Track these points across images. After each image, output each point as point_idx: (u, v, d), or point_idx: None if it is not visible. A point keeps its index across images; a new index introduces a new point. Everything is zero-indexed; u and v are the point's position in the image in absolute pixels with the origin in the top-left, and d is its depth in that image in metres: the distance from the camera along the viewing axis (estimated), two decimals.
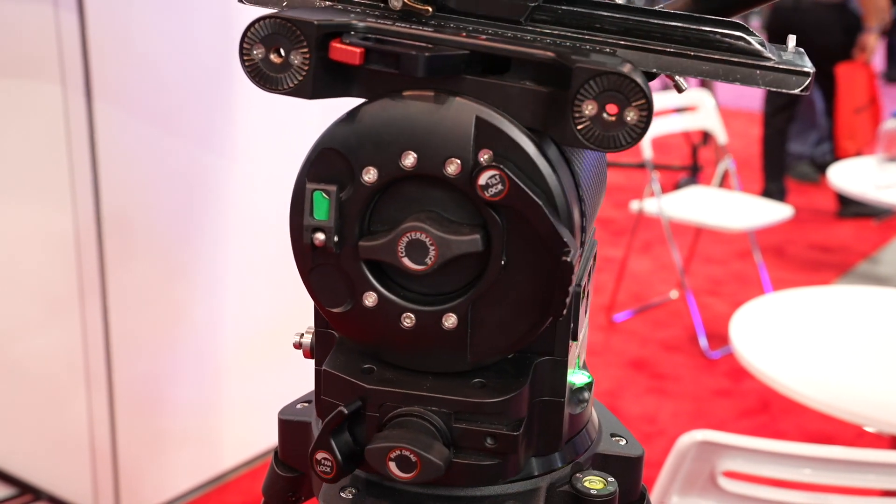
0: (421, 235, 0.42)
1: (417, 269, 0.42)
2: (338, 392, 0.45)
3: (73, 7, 1.68)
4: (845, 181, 3.07)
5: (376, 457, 0.43)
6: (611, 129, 0.39)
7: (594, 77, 0.39)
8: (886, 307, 1.92)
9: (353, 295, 0.44)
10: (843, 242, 4.31)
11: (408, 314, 0.44)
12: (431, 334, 0.44)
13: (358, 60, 0.40)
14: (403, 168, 0.42)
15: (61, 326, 1.84)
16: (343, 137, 0.42)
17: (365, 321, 0.44)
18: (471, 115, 0.41)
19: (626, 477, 0.50)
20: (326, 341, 0.48)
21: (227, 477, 2.19)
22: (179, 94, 1.88)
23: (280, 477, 0.57)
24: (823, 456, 1.14)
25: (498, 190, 0.41)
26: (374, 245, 0.42)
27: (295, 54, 0.41)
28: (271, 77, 0.41)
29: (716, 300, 3.48)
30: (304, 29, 0.40)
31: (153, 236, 1.91)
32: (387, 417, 0.44)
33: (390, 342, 0.45)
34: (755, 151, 4.86)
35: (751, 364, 1.61)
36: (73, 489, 1.93)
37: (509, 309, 0.43)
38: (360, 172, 0.42)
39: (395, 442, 0.43)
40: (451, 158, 0.41)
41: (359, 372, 0.45)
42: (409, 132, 0.41)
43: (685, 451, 1.14)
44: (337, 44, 0.40)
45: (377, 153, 0.42)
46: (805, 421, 2.60)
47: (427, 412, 0.44)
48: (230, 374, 2.12)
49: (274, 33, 0.40)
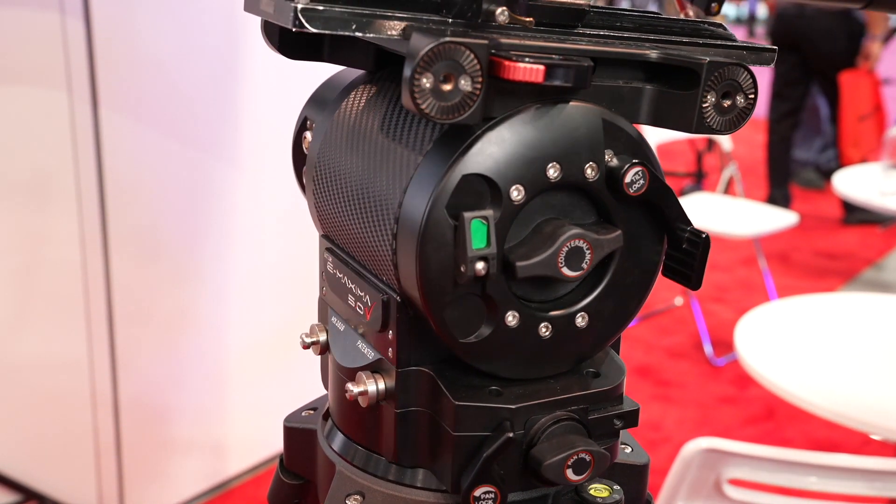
0: (580, 242, 0.42)
1: (573, 277, 0.43)
2: (475, 423, 0.43)
3: (79, 14, 1.68)
4: (850, 188, 3.07)
5: (555, 469, 0.43)
6: (726, 113, 0.43)
7: (719, 69, 0.42)
8: (892, 314, 1.92)
9: (494, 318, 0.43)
10: (849, 249, 4.30)
11: (545, 323, 0.44)
12: (566, 337, 0.45)
13: (542, 78, 0.39)
14: (549, 180, 0.42)
15: (66, 332, 1.84)
16: (487, 161, 0.40)
17: (504, 342, 0.43)
18: (598, 118, 0.42)
19: (632, 485, 0.50)
20: (415, 379, 0.45)
21: (232, 483, 2.19)
22: (185, 101, 1.88)
23: (285, 484, 0.57)
24: (829, 464, 1.13)
25: (640, 185, 0.43)
26: (535, 262, 0.41)
27: (465, 79, 0.38)
28: (444, 107, 0.38)
29: (721, 307, 3.48)
30: (478, 51, 0.38)
31: (159, 242, 1.91)
32: (535, 430, 0.44)
33: (525, 356, 0.44)
34: (760, 158, 4.85)
35: (756, 371, 1.61)
36: (77, 495, 1.93)
37: (621, 297, 0.45)
38: (508, 192, 0.41)
39: (569, 449, 0.43)
40: (590, 163, 0.42)
41: (491, 396, 0.44)
42: (551, 144, 0.41)
43: (690, 459, 1.14)
44: (513, 63, 0.39)
45: (525, 171, 0.41)
46: (810, 428, 2.59)
47: (567, 413, 0.45)
48: (235, 380, 2.12)
49: (445, 59, 0.38)
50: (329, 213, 0.50)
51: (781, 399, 1.57)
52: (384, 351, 0.45)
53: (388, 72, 0.49)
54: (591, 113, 0.42)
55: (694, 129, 0.43)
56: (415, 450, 0.46)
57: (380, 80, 0.49)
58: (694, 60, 0.42)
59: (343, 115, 0.49)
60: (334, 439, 0.51)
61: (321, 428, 0.53)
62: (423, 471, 0.47)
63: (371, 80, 0.50)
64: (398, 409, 0.45)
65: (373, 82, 0.49)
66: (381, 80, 0.49)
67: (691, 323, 3.24)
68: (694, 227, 0.45)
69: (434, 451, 0.45)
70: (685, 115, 0.43)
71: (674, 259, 0.46)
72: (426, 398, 0.45)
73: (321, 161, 0.50)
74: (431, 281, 0.41)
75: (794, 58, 4.40)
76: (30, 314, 1.84)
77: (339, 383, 0.49)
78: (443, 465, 0.44)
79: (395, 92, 0.47)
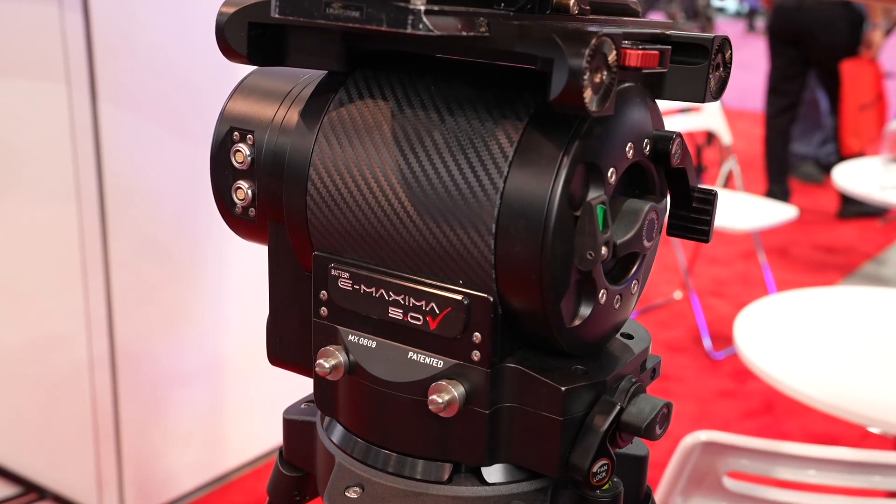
0: (654, 215, 0.45)
1: (649, 248, 0.46)
2: (578, 404, 0.44)
3: (77, 7, 1.68)
4: (850, 181, 3.07)
5: (653, 427, 0.45)
6: (720, 81, 0.47)
7: (719, 44, 0.46)
8: (891, 308, 1.92)
9: (592, 299, 0.44)
10: (848, 243, 4.31)
11: (617, 295, 0.46)
12: (625, 306, 0.47)
13: (656, 63, 0.42)
14: (628, 160, 0.44)
15: (66, 326, 1.84)
16: (593, 147, 0.42)
17: (596, 320, 0.45)
18: (645, 97, 0.45)
19: (632, 477, 0.50)
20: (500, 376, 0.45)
21: (232, 476, 2.19)
22: (185, 94, 1.88)
23: (285, 477, 0.57)
24: (828, 457, 1.13)
25: (680, 155, 0.46)
26: (629, 238, 0.44)
27: (605, 70, 0.38)
28: (598, 99, 0.38)
29: (720, 301, 3.48)
30: (617, 42, 0.38)
31: (158, 236, 1.91)
32: (622, 392, 0.46)
33: (605, 330, 0.47)
34: (759, 152, 4.85)
35: (755, 365, 1.61)
36: (77, 488, 1.93)
37: (650, 261, 0.49)
38: (607, 176, 0.43)
39: (655, 407, 0.45)
40: (646, 139, 0.45)
41: (582, 374, 0.45)
42: (628, 126, 0.44)
43: (689, 452, 1.14)
44: (634, 51, 0.40)
45: (615, 153, 0.43)
46: (809, 422, 2.60)
47: (633, 377, 0.47)
48: (235, 373, 2.13)
49: (599, 52, 0.38)
50: (344, 225, 0.46)
51: (780, 393, 1.58)
52: (462, 355, 0.44)
53: (389, 69, 0.47)
54: (642, 92, 0.45)
55: (700, 97, 0.46)
56: (508, 446, 0.45)
57: (378, 78, 0.46)
58: (703, 37, 0.46)
59: (350, 120, 0.46)
60: (334, 431, 0.51)
61: (320, 420, 0.53)
62: (423, 462, 0.47)
63: (361, 78, 0.47)
64: (489, 410, 0.44)
65: (368, 80, 0.46)
66: (380, 78, 0.46)
67: (690, 317, 3.24)
68: (702, 186, 0.48)
69: (528, 442, 0.45)
70: (696, 88, 0.46)
71: (686, 219, 0.48)
72: (517, 392, 0.44)
73: (322, 172, 0.46)
74: (555, 272, 0.41)
75: (791, 52, 4.40)
76: (28, 308, 1.84)
77: (379, 401, 0.46)
78: (545, 452, 0.44)
79: (428, 88, 0.45)
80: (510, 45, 0.39)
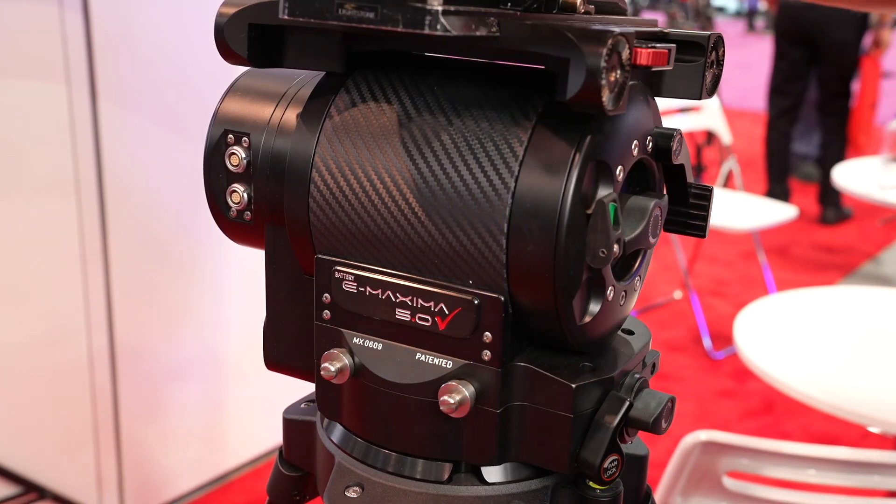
0: (658, 212, 0.45)
1: (652, 244, 0.45)
2: (588, 400, 0.44)
3: (77, 7, 1.68)
4: (850, 182, 3.07)
5: (660, 421, 0.45)
6: (714, 78, 0.47)
7: (714, 41, 0.46)
8: (891, 308, 1.92)
9: (601, 296, 0.44)
10: (848, 243, 4.31)
11: (623, 292, 0.46)
12: (629, 302, 0.47)
13: (666, 61, 0.42)
14: (634, 158, 0.44)
15: (65, 324, 1.84)
16: (603, 145, 0.42)
17: (604, 317, 0.45)
18: (647, 95, 0.45)
19: (631, 476, 0.50)
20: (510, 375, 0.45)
21: (232, 476, 2.19)
22: (185, 93, 1.88)
23: (285, 476, 0.57)
24: (827, 457, 1.14)
25: (679, 151, 0.46)
26: (636, 236, 0.44)
27: (619, 69, 0.38)
28: (613, 98, 0.38)
29: (720, 301, 3.48)
30: (630, 41, 0.39)
31: (158, 235, 1.91)
32: (627, 388, 0.46)
33: (610, 326, 0.47)
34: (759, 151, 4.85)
35: (755, 365, 1.61)
36: (77, 487, 1.93)
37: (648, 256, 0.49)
38: (615, 174, 0.43)
39: (661, 401, 0.45)
40: (649, 137, 0.45)
41: (590, 371, 0.45)
42: (634, 123, 0.44)
43: (689, 452, 1.14)
44: (645, 50, 0.40)
45: (622, 151, 0.43)
46: (809, 422, 2.60)
47: (637, 372, 0.47)
48: (235, 372, 2.13)
49: (615, 51, 0.38)
50: (349, 227, 0.45)
51: (780, 392, 1.58)
52: (472, 355, 0.44)
53: (390, 69, 0.46)
54: (644, 90, 0.45)
55: (696, 95, 0.46)
56: (517, 445, 0.45)
57: (380, 79, 0.46)
58: (698, 35, 0.46)
59: (353, 121, 0.45)
60: (333, 431, 0.51)
61: (320, 420, 0.53)
62: (423, 461, 0.47)
63: (362, 79, 0.46)
64: (499, 409, 0.44)
65: (369, 81, 0.46)
66: (381, 79, 0.46)
67: (690, 316, 3.24)
68: (697, 182, 0.48)
69: (538, 440, 0.45)
70: (692, 85, 0.46)
71: (683, 214, 0.48)
72: (527, 391, 0.44)
73: (326, 174, 0.45)
74: (568, 270, 0.41)
75: (798, 53, 4.37)
76: (27, 306, 1.84)
77: (386, 403, 0.46)
78: (556, 449, 0.44)
79: (432, 89, 0.45)
80: (523, 45, 0.39)
